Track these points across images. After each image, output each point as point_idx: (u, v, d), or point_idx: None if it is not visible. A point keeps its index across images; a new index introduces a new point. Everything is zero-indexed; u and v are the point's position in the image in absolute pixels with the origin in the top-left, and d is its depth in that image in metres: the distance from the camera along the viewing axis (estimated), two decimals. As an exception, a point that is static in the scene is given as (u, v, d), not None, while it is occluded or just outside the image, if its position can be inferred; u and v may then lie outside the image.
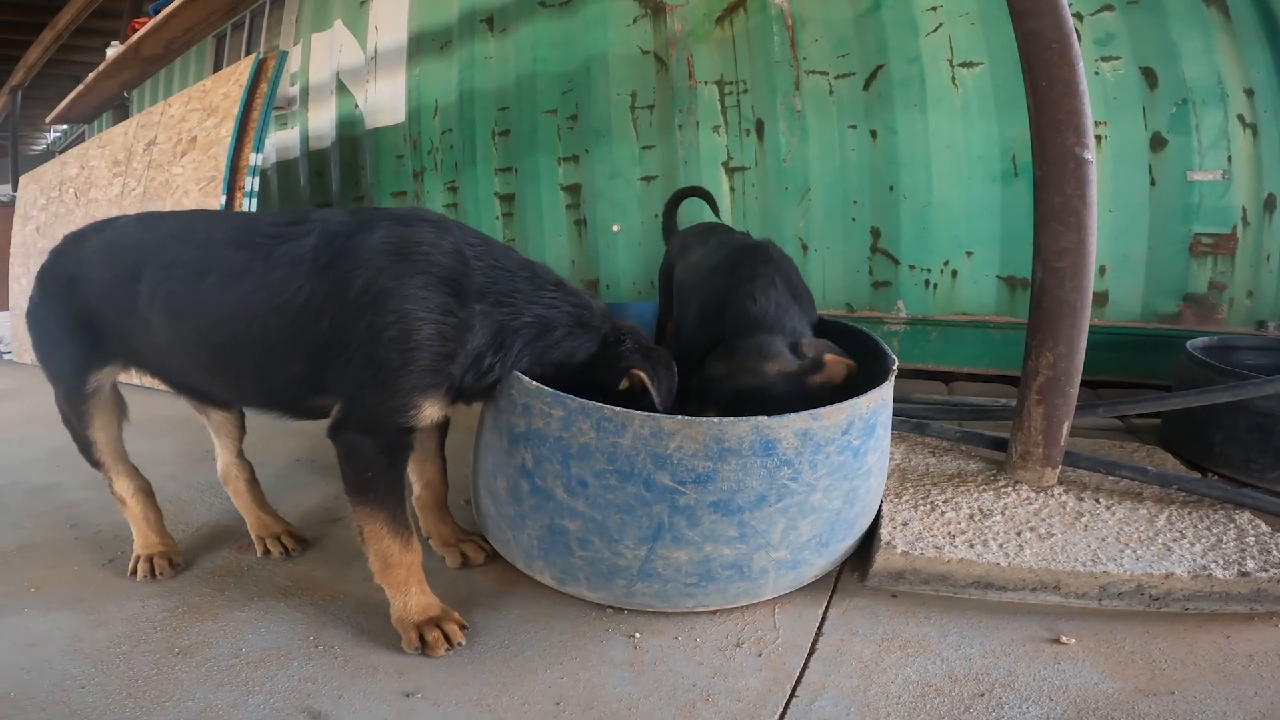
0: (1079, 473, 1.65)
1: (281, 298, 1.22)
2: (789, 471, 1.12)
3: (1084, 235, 1.46)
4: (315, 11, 4.35)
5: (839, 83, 2.78)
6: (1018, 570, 1.27)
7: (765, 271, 1.58)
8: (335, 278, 1.21)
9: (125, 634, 1.26)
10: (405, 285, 1.18)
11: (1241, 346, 2.15)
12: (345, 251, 1.23)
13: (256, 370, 1.31)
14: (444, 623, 1.23)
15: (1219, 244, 2.35)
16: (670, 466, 1.11)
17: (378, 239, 1.23)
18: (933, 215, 2.66)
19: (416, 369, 1.18)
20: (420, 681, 1.14)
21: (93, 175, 3.87)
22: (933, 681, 1.11)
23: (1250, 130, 2.30)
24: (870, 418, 1.19)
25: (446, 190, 3.84)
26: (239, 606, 1.36)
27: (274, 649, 1.23)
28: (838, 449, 1.15)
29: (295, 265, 1.23)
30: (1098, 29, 2.41)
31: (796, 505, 1.16)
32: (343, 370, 1.21)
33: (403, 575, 1.24)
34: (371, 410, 1.21)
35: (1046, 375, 1.53)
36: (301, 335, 1.23)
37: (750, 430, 1.09)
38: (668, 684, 1.13)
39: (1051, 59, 1.44)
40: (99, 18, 5.30)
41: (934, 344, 2.76)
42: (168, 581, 1.44)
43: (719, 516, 1.14)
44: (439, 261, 1.22)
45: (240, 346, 1.27)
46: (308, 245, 1.24)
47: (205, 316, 1.28)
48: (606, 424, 1.13)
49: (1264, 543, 1.33)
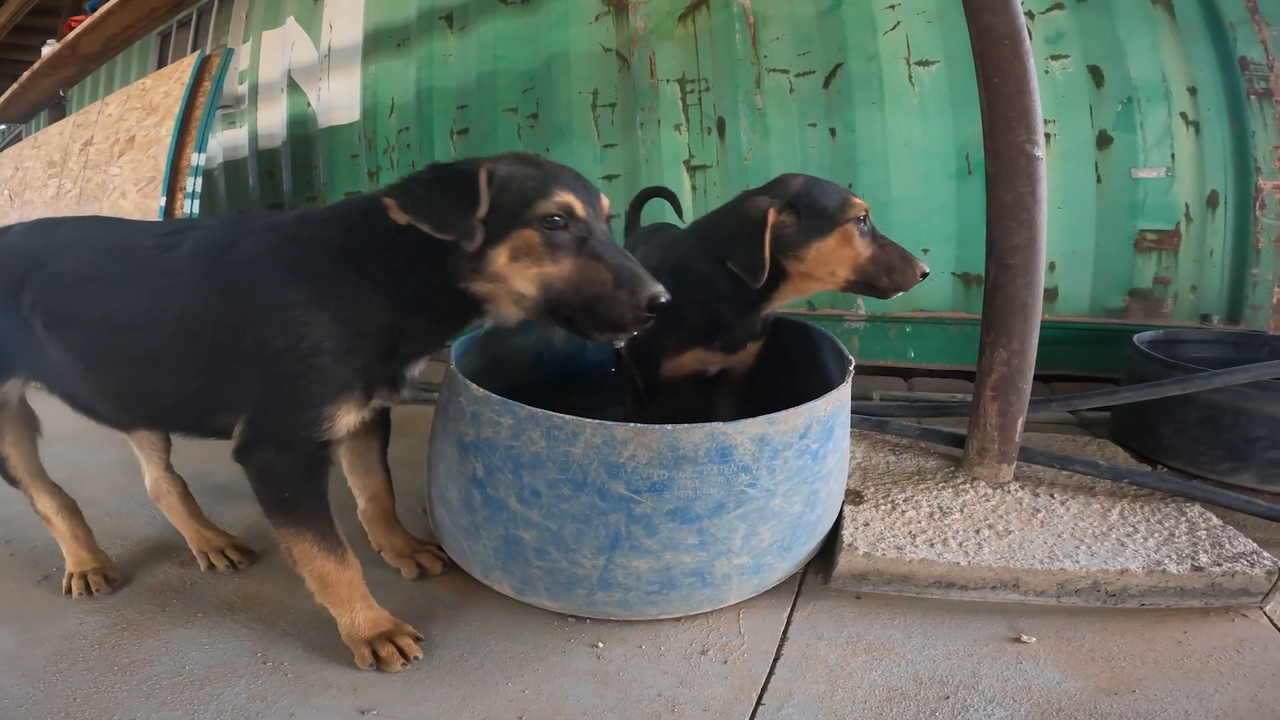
0: (1034, 468, 1.67)
1: (156, 313, 1.14)
2: (747, 478, 1.10)
3: (1035, 232, 1.48)
4: (267, 8, 4.21)
5: (799, 81, 2.79)
6: (977, 569, 1.28)
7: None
8: (210, 291, 1.13)
9: (62, 652, 1.20)
10: (283, 291, 1.10)
11: (1187, 340, 2.21)
12: (219, 263, 1.14)
13: (144, 389, 1.23)
14: (397, 637, 1.18)
15: (1163, 240, 2.42)
16: (625, 475, 1.09)
17: (247, 247, 1.15)
18: (891, 212, 2.69)
19: (318, 376, 1.10)
20: (376, 697, 1.10)
21: (28, 176, 3.69)
22: (898, 685, 1.10)
23: (1193, 128, 2.37)
24: (828, 420, 1.18)
25: (404, 190, 3.75)
26: (182, 623, 1.30)
27: (220, 666, 1.17)
28: (796, 453, 1.13)
29: (170, 277, 1.15)
30: (1049, 27, 2.46)
31: (756, 511, 1.14)
32: (237, 389, 1.14)
33: (344, 592, 1.18)
34: (280, 427, 1.12)
35: (1001, 372, 1.55)
36: (184, 353, 1.15)
37: (705, 437, 1.06)
38: (633, 694, 1.10)
39: (1004, 55, 1.45)
40: (38, 15, 5.08)
41: (893, 341, 2.79)
42: (106, 598, 1.38)
43: (677, 525, 1.12)
44: (313, 255, 1.12)
45: (123, 364, 1.19)
46: (182, 256, 1.16)
47: (84, 331, 1.20)
48: (557, 432, 1.10)
49: (1215, 536, 1.36)
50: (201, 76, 3.16)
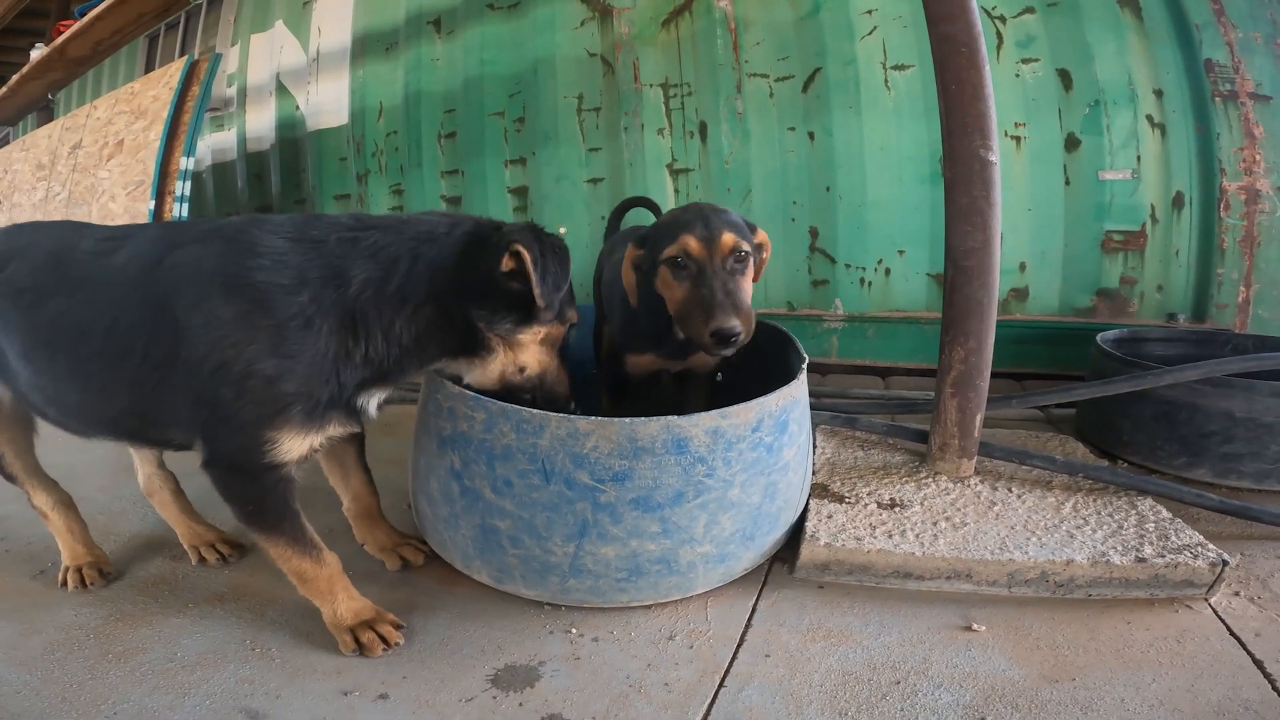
0: (995, 463, 1.74)
1: (88, 323, 1.11)
2: (703, 468, 1.16)
3: (989, 235, 1.54)
4: (255, 12, 4.24)
5: (779, 85, 2.84)
6: (932, 559, 1.34)
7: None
8: (141, 305, 1.09)
9: (59, 641, 1.26)
10: (214, 308, 1.05)
11: (1151, 338, 2.28)
12: (150, 276, 1.10)
13: (86, 401, 1.20)
14: (378, 624, 1.24)
15: (1129, 240, 2.49)
16: (589, 465, 1.15)
17: (178, 258, 1.10)
18: (867, 215, 2.75)
19: (254, 401, 1.06)
20: (359, 680, 1.16)
21: (16, 179, 3.72)
22: (853, 670, 1.16)
23: (1159, 130, 2.43)
24: (780, 415, 1.24)
25: (391, 193, 3.80)
26: (174, 613, 1.36)
27: (210, 652, 1.24)
28: (750, 445, 1.20)
29: (103, 287, 1.12)
30: (1020, 31, 2.52)
31: (716, 500, 1.20)
32: (176, 408, 1.12)
33: (324, 586, 1.23)
34: (226, 451, 1.10)
35: (959, 369, 1.61)
36: (116, 367, 1.12)
37: (662, 429, 1.13)
38: (602, 677, 1.17)
39: (961, 63, 1.51)
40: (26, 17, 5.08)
41: (871, 340, 2.85)
42: (100, 591, 1.43)
43: (640, 513, 1.18)
44: (247, 269, 1.07)
45: (63, 375, 1.18)
46: (115, 265, 1.13)
47: (26, 337, 1.20)
48: (525, 425, 1.17)
49: (1163, 529, 1.42)
50: (190, 81, 3.20)
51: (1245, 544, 1.53)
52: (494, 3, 3.34)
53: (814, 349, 2.97)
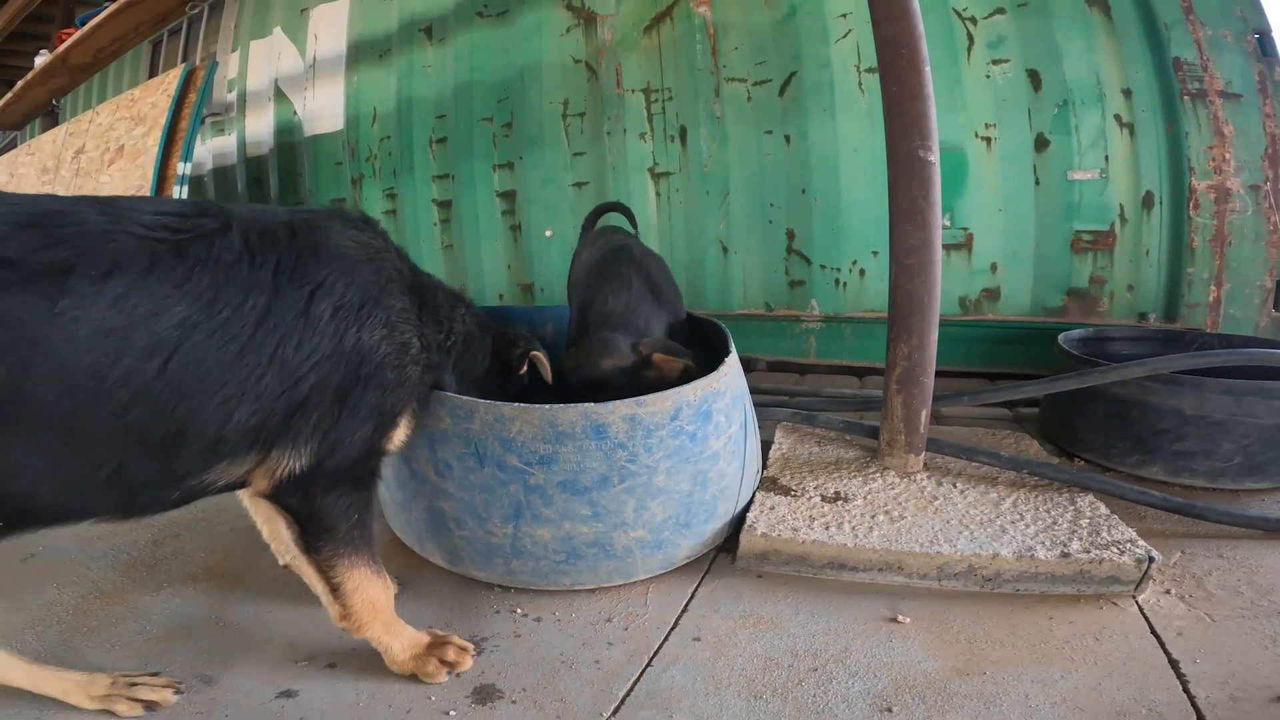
0: (945, 459, 1.77)
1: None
2: (625, 454, 1.22)
3: (929, 234, 1.58)
4: (255, 18, 4.35)
5: (756, 89, 2.89)
6: (863, 551, 1.38)
7: (625, 271, 1.70)
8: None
9: (39, 617, 1.37)
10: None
11: (1117, 337, 2.30)
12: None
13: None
14: (448, 644, 1.20)
15: (1098, 240, 2.51)
16: (516, 449, 1.22)
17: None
18: (842, 217, 2.79)
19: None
20: (310, 651, 1.25)
21: (21, 183, 3.85)
22: (775, 656, 1.21)
23: (1128, 130, 2.45)
24: (701, 405, 1.29)
25: (385, 197, 3.89)
26: (149, 591, 1.46)
27: (177, 627, 1.34)
28: (670, 433, 1.25)
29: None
30: (990, 32, 2.54)
31: (642, 486, 1.26)
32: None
33: (390, 616, 1.17)
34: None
35: (903, 366, 1.65)
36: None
37: (580, 416, 1.19)
38: (538, 653, 1.23)
39: (902, 65, 1.55)
40: (34, 22, 5.21)
41: (848, 341, 2.89)
42: (82, 570, 1.54)
43: (569, 496, 1.25)
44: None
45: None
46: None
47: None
48: (458, 411, 1.25)
49: (1096, 525, 1.44)
50: (187, 89, 3.30)
51: (1189, 542, 1.55)
52: (483, 10, 3.42)
53: (792, 349, 3.01)
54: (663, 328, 1.67)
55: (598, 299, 1.66)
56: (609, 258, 1.78)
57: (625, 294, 1.65)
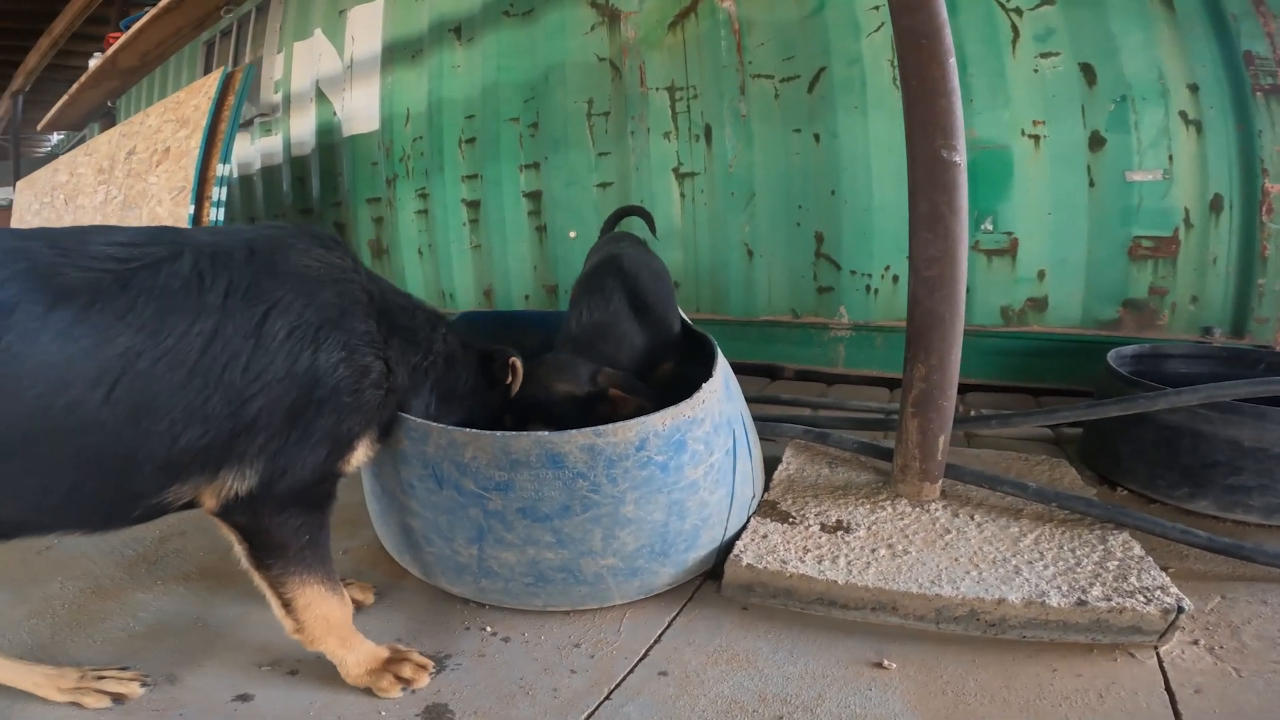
0: (966, 487, 1.63)
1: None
2: (585, 484, 1.14)
3: (952, 244, 1.44)
4: (298, 20, 4.46)
5: (784, 86, 2.76)
6: (853, 589, 1.26)
7: (609, 285, 1.61)
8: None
9: (37, 610, 1.40)
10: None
11: (1175, 355, 2.09)
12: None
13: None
14: (405, 661, 1.16)
15: (1160, 247, 2.29)
16: (472, 474, 1.16)
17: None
18: (873, 219, 2.64)
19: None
20: (275, 657, 1.24)
21: (80, 182, 4.04)
22: (741, 698, 1.11)
23: (1194, 128, 2.22)
24: (672, 435, 1.19)
25: (418, 197, 3.91)
26: (144, 589, 1.48)
27: (159, 625, 1.35)
28: (635, 464, 1.16)
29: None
30: (1037, 24, 2.35)
31: (608, 516, 1.18)
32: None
33: (346, 631, 1.14)
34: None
35: (920, 388, 1.51)
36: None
37: (534, 444, 1.12)
38: (498, 675, 1.18)
39: (921, 57, 1.41)
40: (94, 24, 5.44)
41: (879, 350, 2.73)
42: (86, 565, 1.57)
43: (530, 522, 1.18)
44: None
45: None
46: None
47: None
48: (414, 433, 1.20)
49: (1126, 568, 1.28)
50: (226, 91, 3.39)
51: (1232, 585, 1.37)
52: (510, 9, 3.39)
53: (819, 358, 2.87)
54: (639, 350, 1.58)
55: (572, 315, 1.59)
56: (595, 270, 1.70)
57: (600, 312, 1.57)
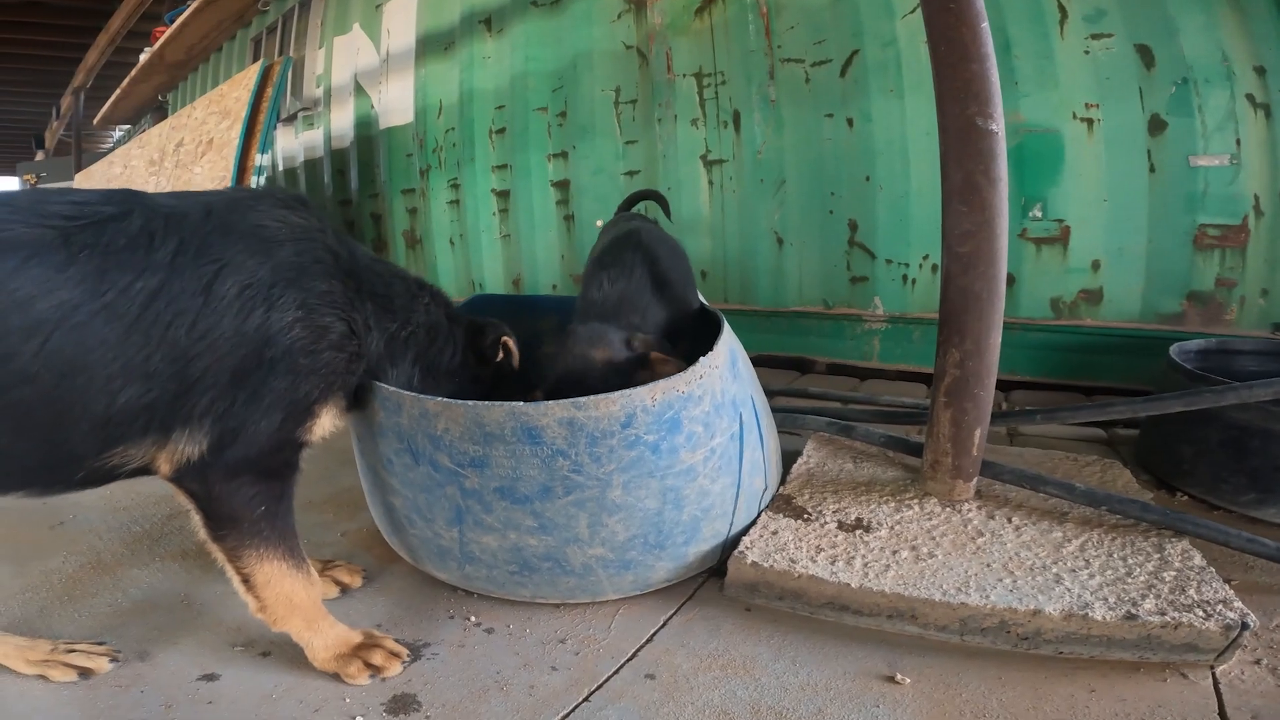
0: (1005, 487, 1.49)
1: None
2: (566, 463, 1.05)
3: (989, 216, 1.31)
4: (337, 15, 4.54)
5: (815, 70, 2.64)
6: (868, 594, 1.14)
7: (628, 258, 1.52)
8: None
9: (35, 584, 1.40)
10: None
11: (1242, 350, 1.89)
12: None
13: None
14: (377, 648, 1.11)
15: (1227, 236, 2.08)
16: (446, 448, 1.09)
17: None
18: (910, 206, 2.49)
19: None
20: (250, 638, 1.21)
21: (133, 174, 4.18)
22: (731, 709, 1.01)
23: (1262, 111, 2.02)
24: (663, 411, 1.09)
25: (450, 187, 3.92)
26: (140, 565, 1.47)
27: (147, 601, 1.33)
28: (622, 443, 1.06)
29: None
30: (1086, 5, 2.18)
31: (593, 500, 1.09)
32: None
33: (313, 611, 1.09)
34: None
35: (953, 375, 1.39)
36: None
37: (507, 416, 1.03)
38: (475, 668, 1.12)
39: (949, 20, 1.30)
40: (149, 21, 5.64)
41: (916, 344, 2.58)
42: (91, 540, 1.57)
43: (509, 504, 1.10)
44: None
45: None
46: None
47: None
48: (388, 404, 1.14)
49: (1184, 579, 1.13)
50: (264, 83, 3.45)
51: (1305, 601, 1.21)
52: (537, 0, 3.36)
53: (852, 351, 2.73)
54: (660, 324, 1.49)
55: (592, 286, 1.51)
56: (613, 244, 1.62)
57: (622, 282, 1.49)
